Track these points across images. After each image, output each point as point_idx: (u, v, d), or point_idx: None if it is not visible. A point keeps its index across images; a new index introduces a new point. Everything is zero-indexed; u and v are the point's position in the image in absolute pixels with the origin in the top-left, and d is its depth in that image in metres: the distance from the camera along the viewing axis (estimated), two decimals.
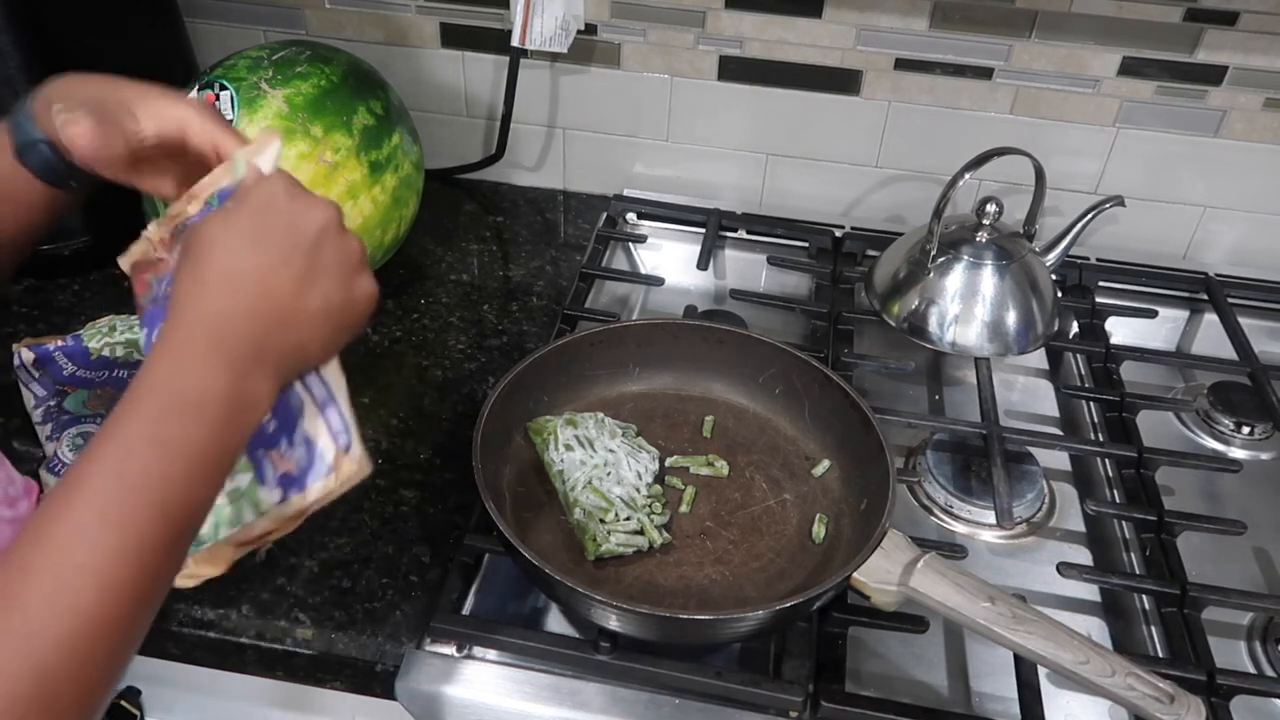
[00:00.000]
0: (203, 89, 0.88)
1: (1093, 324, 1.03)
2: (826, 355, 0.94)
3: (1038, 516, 0.86)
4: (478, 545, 0.74)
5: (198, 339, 0.48)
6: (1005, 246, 0.94)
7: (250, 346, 0.48)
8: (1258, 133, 1.05)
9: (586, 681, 0.68)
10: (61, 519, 0.43)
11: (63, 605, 0.41)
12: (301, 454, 0.53)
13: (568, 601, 0.66)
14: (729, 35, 1.08)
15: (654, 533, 0.74)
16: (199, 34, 1.16)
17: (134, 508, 0.44)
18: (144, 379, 0.47)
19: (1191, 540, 0.80)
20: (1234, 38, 1.00)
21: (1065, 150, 1.08)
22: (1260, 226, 1.11)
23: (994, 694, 0.72)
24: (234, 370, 0.48)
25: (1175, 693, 0.61)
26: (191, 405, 0.46)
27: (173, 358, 0.47)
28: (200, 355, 0.47)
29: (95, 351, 0.90)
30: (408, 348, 0.97)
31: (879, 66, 1.08)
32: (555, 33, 1.07)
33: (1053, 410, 1.00)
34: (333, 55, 0.93)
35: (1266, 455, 0.94)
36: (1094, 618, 0.79)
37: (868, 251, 1.09)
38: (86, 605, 0.42)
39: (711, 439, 0.84)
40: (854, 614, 0.72)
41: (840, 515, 0.77)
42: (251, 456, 0.53)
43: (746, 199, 1.18)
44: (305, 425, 0.53)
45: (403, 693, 0.68)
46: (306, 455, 0.53)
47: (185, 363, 0.47)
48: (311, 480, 0.53)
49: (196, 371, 0.47)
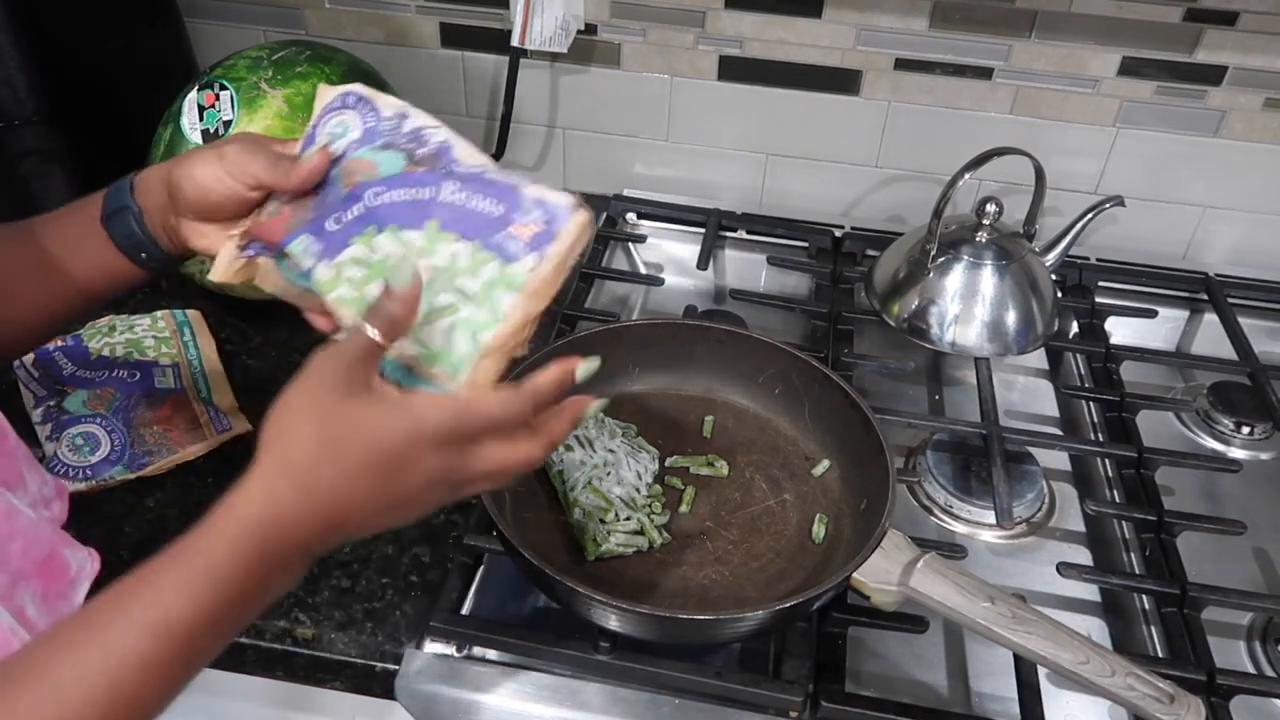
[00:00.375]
0: (202, 89, 0.88)
1: (1092, 324, 1.03)
2: (826, 355, 0.94)
3: (1037, 516, 0.86)
4: (477, 545, 0.74)
5: (251, 538, 0.46)
6: (1005, 246, 0.94)
7: (298, 551, 0.47)
8: (1257, 133, 1.05)
9: (586, 681, 0.68)
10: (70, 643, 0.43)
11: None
12: (539, 214, 0.55)
13: (567, 601, 0.66)
14: (729, 35, 1.08)
15: (654, 533, 0.74)
16: (199, 34, 1.16)
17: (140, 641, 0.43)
18: (182, 560, 0.45)
19: (1191, 540, 0.80)
20: (1234, 38, 1.00)
21: (1065, 150, 1.08)
22: (1260, 226, 1.11)
23: (994, 694, 0.72)
24: (274, 567, 0.47)
25: (1175, 693, 0.61)
26: (222, 606, 0.45)
27: (214, 537, 0.46)
28: (245, 555, 0.46)
29: (95, 351, 0.90)
30: None
31: (879, 66, 1.08)
32: (555, 33, 1.07)
33: (1053, 410, 1.00)
34: (332, 55, 0.93)
35: (1266, 455, 0.94)
36: (1094, 618, 0.79)
37: (868, 251, 1.09)
38: None
39: (711, 439, 0.83)
40: (854, 614, 0.72)
41: (840, 515, 0.77)
42: (489, 245, 0.54)
43: (746, 199, 1.18)
44: (527, 192, 0.55)
45: (402, 693, 0.68)
46: (544, 212, 0.55)
47: (228, 553, 0.46)
48: (560, 226, 0.54)
49: (236, 579, 0.45)
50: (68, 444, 0.81)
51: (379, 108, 0.61)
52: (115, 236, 0.61)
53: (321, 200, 0.60)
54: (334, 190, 0.59)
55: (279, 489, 0.47)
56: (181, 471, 0.82)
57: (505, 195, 0.55)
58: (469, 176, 0.57)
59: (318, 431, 0.47)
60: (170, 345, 0.92)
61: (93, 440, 0.81)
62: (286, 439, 0.48)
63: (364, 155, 0.60)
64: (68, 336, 0.91)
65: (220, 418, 0.85)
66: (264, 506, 0.46)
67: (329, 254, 0.57)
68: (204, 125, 0.87)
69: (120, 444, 0.82)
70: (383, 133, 0.61)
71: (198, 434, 0.84)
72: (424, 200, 0.56)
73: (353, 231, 0.57)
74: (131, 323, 0.94)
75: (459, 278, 0.54)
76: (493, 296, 0.54)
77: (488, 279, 0.54)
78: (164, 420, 0.85)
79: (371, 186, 0.58)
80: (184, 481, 0.81)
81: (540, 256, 0.54)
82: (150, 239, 0.62)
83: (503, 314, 0.54)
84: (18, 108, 0.92)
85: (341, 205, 0.58)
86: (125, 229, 0.61)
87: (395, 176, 0.58)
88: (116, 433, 0.82)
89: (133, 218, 0.61)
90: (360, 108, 0.62)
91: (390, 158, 0.59)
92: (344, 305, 0.56)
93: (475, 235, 0.55)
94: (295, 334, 0.96)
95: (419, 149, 0.59)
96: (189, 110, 0.88)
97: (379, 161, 0.59)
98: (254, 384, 0.91)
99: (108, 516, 0.78)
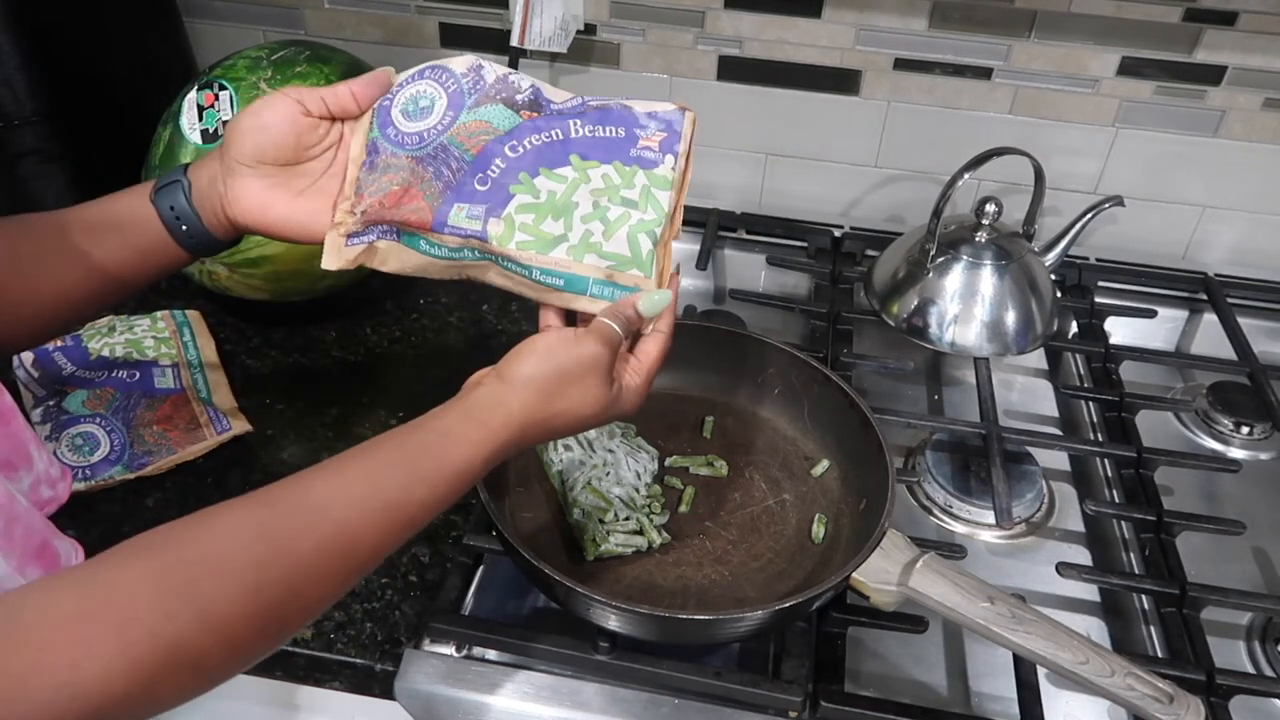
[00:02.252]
0: (202, 89, 0.88)
1: (1092, 324, 1.03)
2: (826, 355, 0.94)
3: (1037, 516, 0.86)
4: (477, 545, 0.74)
5: (478, 457, 0.55)
6: (1004, 246, 0.94)
7: (508, 455, 0.58)
8: (1257, 133, 1.05)
9: (586, 681, 0.68)
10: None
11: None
12: (655, 125, 0.63)
13: (567, 601, 0.66)
14: (728, 35, 1.08)
15: (653, 533, 0.74)
16: (198, 33, 1.16)
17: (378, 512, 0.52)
18: (437, 437, 0.55)
19: (1191, 540, 0.80)
20: (1233, 38, 1.00)
21: (1064, 150, 1.08)
22: (1259, 226, 1.11)
23: (993, 694, 0.72)
24: (495, 459, 0.57)
25: (1174, 693, 0.61)
26: (458, 483, 0.55)
27: (469, 446, 0.55)
28: (486, 466, 0.56)
29: (94, 352, 0.90)
30: (407, 348, 0.97)
31: (878, 66, 1.08)
32: (554, 33, 1.07)
33: (1052, 410, 1.00)
34: (332, 55, 0.93)
35: (1265, 455, 0.94)
36: (1093, 618, 0.79)
37: (867, 251, 1.09)
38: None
39: (711, 439, 0.84)
40: (853, 614, 0.72)
41: (839, 515, 0.77)
42: (630, 160, 0.63)
43: (745, 199, 1.18)
44: (638, 109, 0.64)
45: (402, 693, 0.68)
46: (659, 121, 0.63)
47: (474, 452, 0.55)
48: (677, 127, 0.63)
49: (476, 465, 0.55)
50: (67, 444, 0.81)
51: (452, 69, 0.64)
52: (161, 208, 0.62)
53: (440, 172, 0.62)
54: (452, 158, 0.62)
55: (528, 429, 0.57)
56: (181, 471, 0.82)
57: (621, 119, 0.63)
58: (580, 111, 0.63)
59: (569, 406, 0.58)
60: (170, 345, 0.92)
61: (92, 440, 0.81)
62: (549, 395, 0.58)
63: (469, 119, 0.62)
64: (67, 337, 0.91)
65: (220, 418, 0.85)
66: (511, 437, 0.57)
67: (495, 210, 0.61)
68: (203, 125, 0.87)
69: (120, 444, 0.82)
70: (468, 90, 0.63)
71: (197, 434, 0.84)
72: (559, 141, 0.63)
73: (507, 183, 0.62)
74: (131, 323, 0.94)
75: (620, 191, 0.62)
76: (652, 197, 0.62)
77: (642, 185, 0.62)
78: (164, 420, 0.85)
79: (503, 142, 0.62)
80: (183, 481, 0.81)
81: (675, 155, 0.63)
82: (195, 213, 0.63)
83: (665, 208, 0.62)
84: (17, 107, 0.92)
85: (477, 166, 0.62)
86: (172, 199, 0.62)
87: (517, 128, 0.63)
88: (116, 433, 0.82)
89: (182, 191, 0.62)
90: (433, 75, 0.64)
91: (499, 113, 0.63)
92: (526, 248, 0.61)
93: (614, 157, 0.62)
94: (295, 334, 0.96)
95: (516, 96, 0.63)
96: (188, 110, 0.88)
97: (491, 119, 0.63)
98: (254, 384, 0.91)
99: (107, 516, 0.78)
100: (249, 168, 0.61)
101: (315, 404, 0.90)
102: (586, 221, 0.61)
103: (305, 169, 0.63)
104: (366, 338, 0.97)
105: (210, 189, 0.62)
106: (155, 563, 0.44)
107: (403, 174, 0.62)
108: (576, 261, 0.61)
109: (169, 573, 0.44)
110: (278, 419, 0.88)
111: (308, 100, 0.62)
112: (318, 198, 0.63)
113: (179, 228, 0.63)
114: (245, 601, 0.45)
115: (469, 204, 0.62)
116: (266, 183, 0.62)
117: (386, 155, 0.62)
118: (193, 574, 0.44)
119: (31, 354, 0.88)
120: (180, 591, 0.43)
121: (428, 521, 0.54)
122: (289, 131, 0.61)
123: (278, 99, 0.61)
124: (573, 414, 0.59)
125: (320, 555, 0.49)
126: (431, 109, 0.63)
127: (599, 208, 0.62)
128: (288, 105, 0.61)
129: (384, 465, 0.53)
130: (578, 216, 0.62)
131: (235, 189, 0.62)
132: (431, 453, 0.54)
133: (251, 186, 0.62)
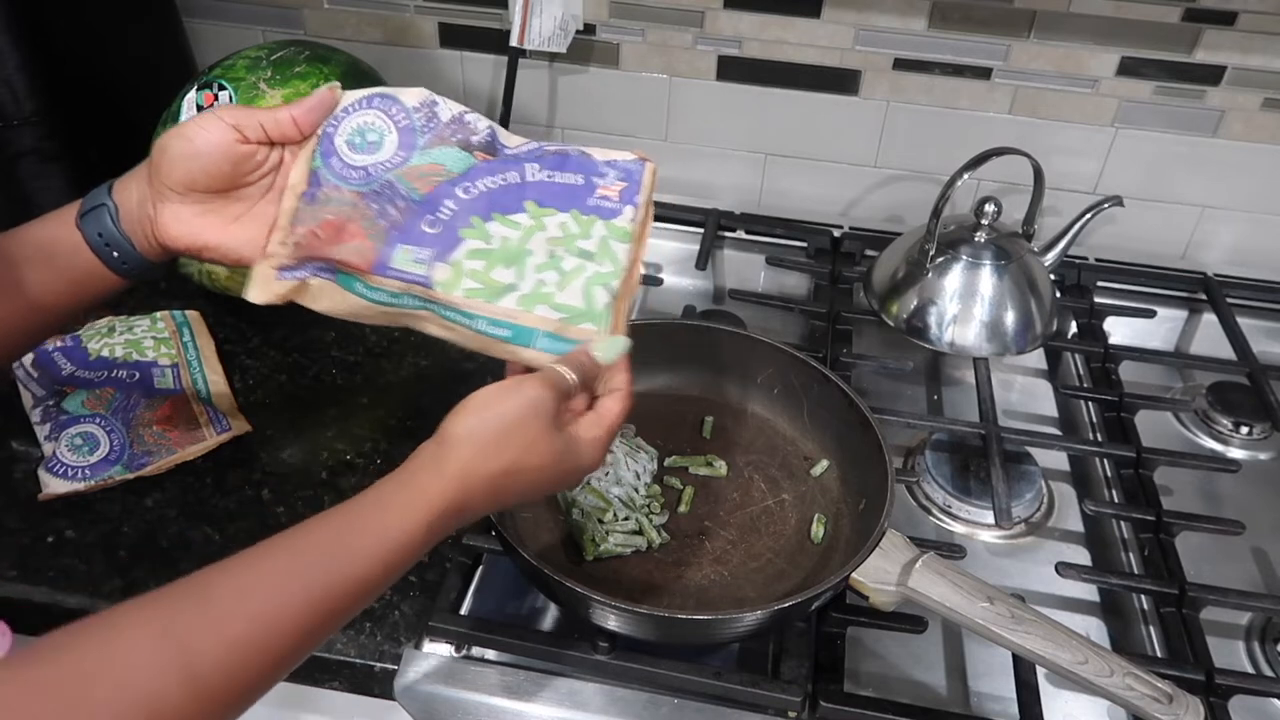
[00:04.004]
0: (201, 89, 0.88)
1: (1091, 324, 1.03)
2: (825, 355, 0.94)
3: (1036, 516, 0.86)
4: (476, 545, 0.74)
5: (418, 526, 0.51)
6: (1004, 246, 0.94)
7: (456, 524, 0.53)
8: (1256, 133, 1.05)
9: (585, 681, 0.68)
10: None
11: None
12: (615, 173, 0.61)
13: (566, 601, 0.66)
14: (727, 35, 1.08)
15: (652, 533, 0.74)
16: (197, 33, 1.16)
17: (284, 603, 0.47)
18: (374, 515, 0.51)
19: (1190, 540, 0.80)
20: (1232, 38, 1.00)
21: (1064, 150, 1.09)
22: (1259, 226, 1.11)
23: (992, 694, 0.72)
24: (433, 541, 0.52)
25: (1174, 693, 0.61)
26: (395, 563, 0.51)
27: (410, 514, 0.51)
28: (411, 537, 0.51)
29: (94, 352, 0.90)
30: (406, 348, 0.97)
31: (877, 66, 1.08)
32: (554, 32, 1.07)
33: (1051, 410, 1.00)
34: (331, 55, 0.93)
35: (1265, 455, 0.94)
36: (1092, 618, 0.79)
37: (866, 251, 1.09)
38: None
39: (710, 439, 0.84)
40: (852, 614, 0.72)
41: (839, 515, 0.77)
42: (588, 210, 0.61)
43: (745, 199, 1.18)
44: (596, 157, 0.62)
45: (401, 693, 0.68)
46: (618, 170, 0.61)
47: (411, 531, 0.51)
48: (637, 178, 0.62)
49: (413, 544, 0.51)
50: (66, 444, 0.81)
51: (403, 101, 0.61)
52: (88, 234, 0.59)
53: (385, 210, 0.59)
54: (399, 197, 0.59)
55: (472, 491, 0.53)
56: (181, 472, 0.82)
57: (580, 165, 0.62)
58: (537, 155, 0.62)
59: (515, 458, 0.54)
60: (169, 346, 0.92)
61: (91, 440, 0.81)
62: (490, 448, 0.53)
63: (421, 161, 0.60)
64: (66, 337, 0.91)
65: (219, 418, 0.85)
66: (453, 500, 0.52)
67: (442, 255, 0.59)
68: None
69: (119, 444, 0.82)
70: (420, 128, 0.61)
71: (197, 434, 0.84)
72: (515, 185, 0.61)
73: (458, 226, 0.59)
74: (131, 323, 0.94)
75: (576, 241, 0.60)
76: (610, 249, 0.60)
77: (600, 236, 0.60)
78: (163, 420, 0.85)
79: (456, 184, 0.60)
80: (183, 481, 0.81)
81: (635, 206, 0.61)
82: (125, 237, 0.59)
83: (623, 261, 0.60)
84: (16, 108, 0.92)
85: (426, 208, 0.59)
86: (99, 225, 0.59)
87: (471, 170, 0.61)
88: (115, 433, 0.82)
89: (108, 214, 0.59)
90: (382, 106, 0.61)
91: (453, 155, 0.61)
92: (474, 296, 0.58)
93: (572, 205, 0.61)
94: (294, 334, 0.96)
95: (472, 138, 0.62)
96: (188, 110, 0.88)
97: (444, 161, 0.60)
98: (253, 384, 0.91)
99: (107, 516, 0.78)
100: (179, 194, 0.58)
101: (315, 404, 0.90)
102: (540, 271, 0.59)
103: (241, 194, 0.60)
104: (366, 338, 0.97)
105: (140, 212, 0.59)
106: (50, 673, 0.41)
107: (344, 209, 0.59)
108: (526, 312, 0.58)
109: (61, 686, 0.41)
110: (277, 419, 0.88)
111: (245, 126, 0.58)
112: (253, 225, 0.60)
113: (110, 254, 0.59)
114: (144, 714, 0.42)
115: (415, 246, 0.58)
116: (198, 209, 0.59)
117: (329, 188, 0.59)
118: (86, 689, 0.41)
119: (31, 354, 0.88)
120: (74, 704, 0.40)
121: (370, 599, 0.51)
122: (223, 160, 0.58)
123: (212, 123, 0.57)
124: (521, 469, 0.54)
125: (232, 654, 0.45)
126: (380, 144, 0.60)
127: (554, 258, 0.59)
128: (222, 132, 0.57)
129: (310, 547, 0.49)
130: (531, 265, 0.59)
131: (165, 215, 0.58)
132: (367, 527, 0.50)
133: (182, 214, 0.58)
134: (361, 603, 0.50)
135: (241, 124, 0.58)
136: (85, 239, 0.59)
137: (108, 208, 0.59)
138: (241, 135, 0.58)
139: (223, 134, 0.57)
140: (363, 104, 0.61)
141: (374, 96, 0.61)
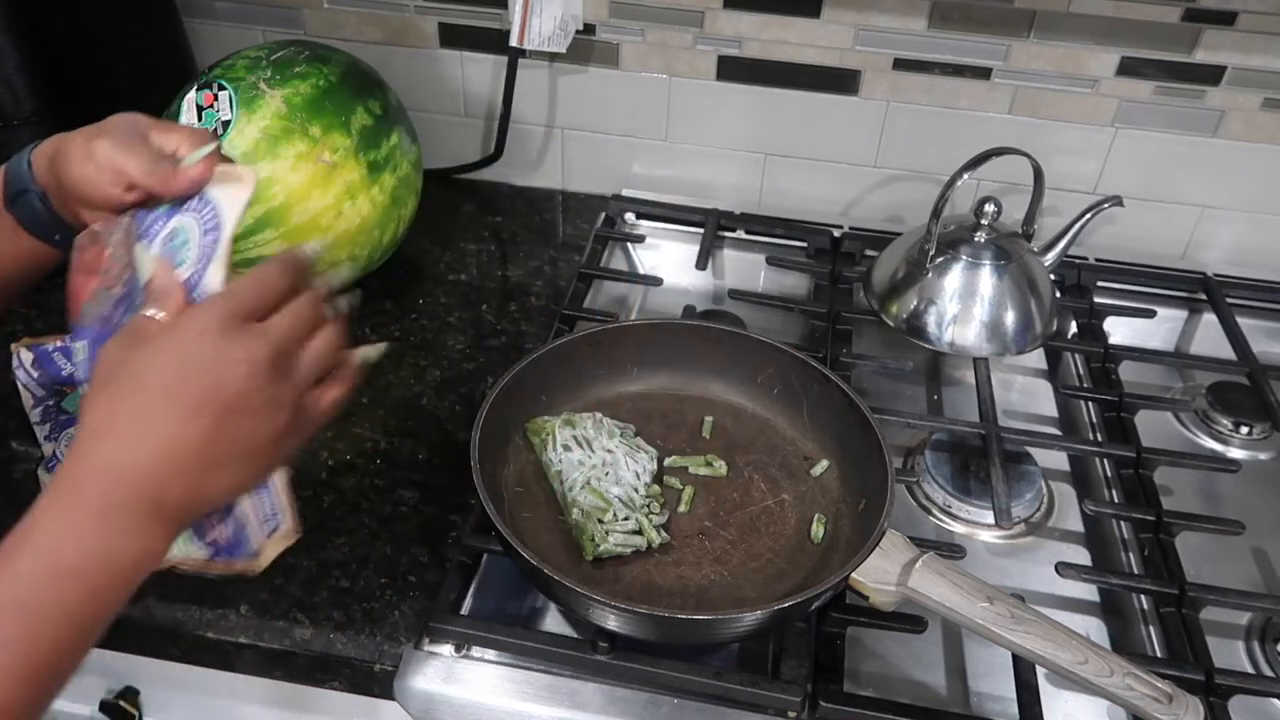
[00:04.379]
0: (201, 89, 0.88)
1: (1091, 324, 1.03)
2: (825, 355, 0.94)
3: (1036, 516, 0.86)
4: (476, 545, 0.74)
5: (90, 497, 0.44)
6: (1004, 246, 0.94)
7: (148, 505, 0.45)
8: (1256, 133, 1.05)
9: (585, 681, 0.68)
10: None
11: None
12: (230, 532, 0.55)
13: (566, 602, 0.66)
14: (727, 35, 1.08)
15: (652, 533, 0.73)
16: (197, 33, 1.16)
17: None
18: (27, 532, 0.43)
19: (1190, 540, 0.80)
20: (1232, 38, 1.00)
21: (1064, 150, 1.08)
22: (1258, 226, 1.11)
23: (992, 694, 0.72)
24: (124, 531, 0.44)
25: (1174, 693, 0.61)
26: (70, 570, 0.43)
27: (58, 512, 0.44)
28: (89, 516, 0.44)
29: None
30: (406, 347, 0.97)
31: (877, 66, 1.08)
32: (554, 32, 1.07)
33: (1051, 410, 1.00)
34: (331, 55, 0.93)
35: (1265, 455, 0.94)
36: (1092, 618, 0.79)
37: (866, 251, 1.09)
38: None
39: (710, 439, 0.83)
40: (852, 614, 0.72)
41: (839, 515, 0.77)
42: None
43: (745, 199, 1.18)
44: (240, 505, 0.54)
45: (401, 693, 0.68)
46: (234, 535, 0.55)
47: (71, 522, 0.44)
48: (237, 556, 0.56)
49: (80, 533, 0.43)
50: (67, 443, 0.81)
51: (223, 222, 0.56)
52: (22, 221, 0.57)
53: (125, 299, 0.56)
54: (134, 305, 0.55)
55: (105, 443, 0.45)
56: None
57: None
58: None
59: (133, 396, 0.46)
60: None
61: None
62: (109, 405, 0.47)
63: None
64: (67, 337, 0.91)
65: None
66: (101, 458, 0.45)
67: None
68: (202, 125, 0.87)
69: None
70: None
71: None
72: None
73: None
74: None
75: None
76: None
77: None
78: None
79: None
80: None
81: (210, 558, 0.56)
82: (59, 219, 0.57)
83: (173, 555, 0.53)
84: (16, 108, 0.92)
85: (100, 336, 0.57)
86: (31, 213, 0.57)
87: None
88: None
89: (37, 199, 0.57)
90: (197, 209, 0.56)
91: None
92: None
93: None
94: None
95: None
96: (188, 110, 0.88)
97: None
98: None
99: None
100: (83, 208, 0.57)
101: None
102: None
103: None
104: (365, 338, 0.97)
105: (68, 195, 0.57)
106: None
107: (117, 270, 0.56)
108: None
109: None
110: None
111: (124, 170, 0.54)
112: None
113: (51, 238, 0.58)
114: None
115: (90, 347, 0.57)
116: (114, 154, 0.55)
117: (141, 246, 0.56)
118: None
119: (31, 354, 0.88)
120: None
121: (86, 623, 0.44)
122: (103, 201, 0.56)
123: (82, 160, 0.54)
124: (139, 389, 0.46)
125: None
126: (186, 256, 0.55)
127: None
128: (114, 187, 0.54)
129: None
130: None
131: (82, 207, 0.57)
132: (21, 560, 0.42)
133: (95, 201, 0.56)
134: (67, 626, 0.43)
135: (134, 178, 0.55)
136: (19, 224, 0.58)
137: (34, 194, 0.57)
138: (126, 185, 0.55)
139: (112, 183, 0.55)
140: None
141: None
